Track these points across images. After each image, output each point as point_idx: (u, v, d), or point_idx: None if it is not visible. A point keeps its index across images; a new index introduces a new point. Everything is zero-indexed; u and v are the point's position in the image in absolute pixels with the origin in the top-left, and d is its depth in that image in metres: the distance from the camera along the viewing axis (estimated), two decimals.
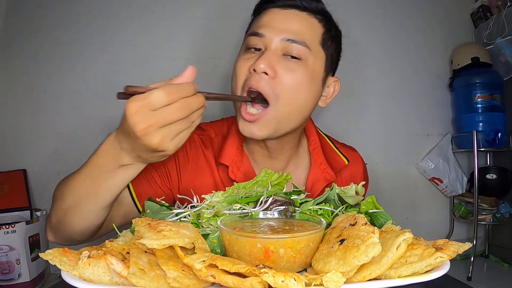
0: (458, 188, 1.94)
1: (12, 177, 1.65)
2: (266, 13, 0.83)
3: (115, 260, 0.48)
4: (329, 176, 0.93)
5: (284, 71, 0.78)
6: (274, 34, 0.79)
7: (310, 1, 0.83)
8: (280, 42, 0.79)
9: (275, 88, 0.78)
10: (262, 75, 0.77)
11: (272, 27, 0.80)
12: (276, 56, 0.79)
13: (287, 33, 0.79)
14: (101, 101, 1.76)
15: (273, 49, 0.79)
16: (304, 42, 0.80)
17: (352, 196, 0.72)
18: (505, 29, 1.85)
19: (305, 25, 0.81)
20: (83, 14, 1.76)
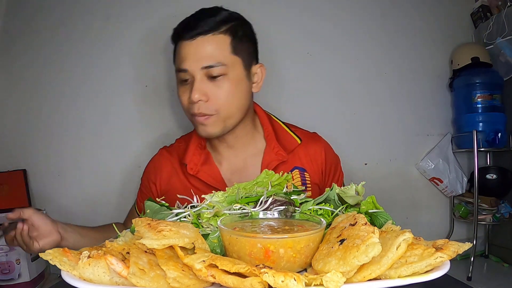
0: (458, 188, 1.93)
1: (12, 177, 1.65)
2: (181, 47, 0.97)
3: (115, 260, 0.48)
4: (281, 156, 1.05)
5: (213, 92, 0.95)
6: (193, 66, 0.94)
7: (208, 22, 0.95)
8: (201, 70, 0.94)
9: (212, 107, 0.96)
10: (199, 103, 0.95)
11: (189, 60, 0.95)
12: (203, 83, 0.95)
13: (202, 62, 0.94)
14: (102, 101, 1.76)
15: (198, 78, 0.94)
16: (219, 62, 0.94)
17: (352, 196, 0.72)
18: (505, 29, 1.85)
19: (214, 45, 0.94)
20: (83, 14, 1.76)
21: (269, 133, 1.09)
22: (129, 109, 1.77)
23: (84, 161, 1.74)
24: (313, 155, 1.09)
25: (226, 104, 0.96)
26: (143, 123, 1.77)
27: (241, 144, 1.08)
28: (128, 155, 1.76)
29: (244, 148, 1.09)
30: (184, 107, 1.00)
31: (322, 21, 1.89)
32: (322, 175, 1.10)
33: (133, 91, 1.77)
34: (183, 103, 1.00)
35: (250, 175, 1.03)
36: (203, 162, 1.07)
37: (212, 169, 1.07)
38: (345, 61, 1.92)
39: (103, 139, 1.75)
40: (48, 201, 1.72)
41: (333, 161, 1.13)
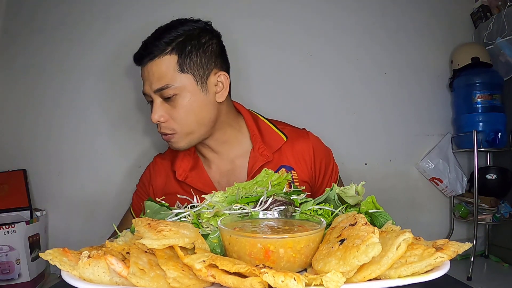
0: (458, 188, 1.93)
1: (12, 177, 1.65)
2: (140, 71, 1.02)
3: (115, 260, 0.48)
4: (266, 157, 1.06)
5: (170, 113, 0.98)
6: (148, 91, 0.99)
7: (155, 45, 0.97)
8: (154, 94, 0.98)
9: (170, 127, 1.00)
10: (160, 124, 1.00)
11: (145, 85, 1.00)
12: (161, 105, 0.98)
13: (153, 86, 0.97)
14: (102, 101, 1.76)
15: (156, 101, 0.99)
16: (166, 84, 0.96)
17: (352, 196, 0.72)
18: (505, 29, 1.85)
19: (160, 68, 0.96)
20: (83, 14, 1.76)
21: (254, 134, 1.09)
22: (129, 109, 1.77)
23: (84, 161, 1.74)
24: (300, 153, 1.08)
25: (183, 122, 0.99)
26: (143, 123, 1.77)
27: (226, 148, 1.10)
28: (128, 155, 1.76)
29: (230, 151, 1.10)
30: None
31: (322, 21, 1.89)
32: (312, 171, 1.09)
33: (133, 91, 1.77)
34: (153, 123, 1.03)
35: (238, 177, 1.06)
36: (191, 168, 1.09)
37: (201, 174, 1.09)
38: (345, 61, 1.92)
39: (103, 139, 1.75)
40: (48, 201, 1.72)
41: (323, 155, 1.12)
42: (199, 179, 1.07)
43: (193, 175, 1.08)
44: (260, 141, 1.08)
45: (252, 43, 1.78)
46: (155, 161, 1.19)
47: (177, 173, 1.08)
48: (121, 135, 1.76)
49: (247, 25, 1.79)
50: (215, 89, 1.01)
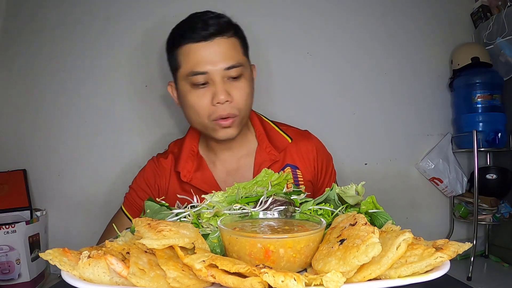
0: (458, 188, 1.93)
1: (12, 177, 1.65)
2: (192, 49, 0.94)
3: (115, 260, 0.48)
4: (274, 156, 1.07)
5: (236, 92, 0.96)
6: (214, 68, 0.93)
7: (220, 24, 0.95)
8: (222, 71, 0.94)
9: (236, 107, 0.97)
10: (225, 104, 0.95)
11: (209, 62, 0.93)
12: (226, 84, 0.95)
13: (224, 62, 0.94)
14: (102, 101, 1.76)
15: (219, 79, 0.94)
16: (238, 62, 0.95)
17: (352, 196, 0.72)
18: (505, 29, 1.85)
19: (231, 46, 0.96)
20: (83, 14, 1.76)
21: (260, 133, 1.11)
22: (128, 109, 1.77)
23: (84, 161, 1.74)
24: (305, 152, 1.10)
25: (246, 104, 0.98)
26: (143, 123, 1.77)
27: (237, 145, 1.09)
28: (127, 155, 1.76)
29: (239, 149, 1.10)
30: (201, 112, 0.97)
31: (322, 21, 1.89)
32: (315, 170, 1.10)
33: (133, 91, 1.77)
34: (201, 108, 0.97)
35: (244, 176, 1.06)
36: (196, 169, 1.07)
37: (206, 175, 1.07)
38: (345, 61, 1.92)
39: (103, 139, 1.75)
40: (48, 201, 1.72)
41: (324, 158, 1.14)
42: (204, 180, 1.06)
43: (198, 176, 1.06)
44: (266, 140, 1.09)
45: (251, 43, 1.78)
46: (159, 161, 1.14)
47: (181, 174, 1.06)
48: (120, 135, 1.76)
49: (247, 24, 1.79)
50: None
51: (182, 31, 0.98)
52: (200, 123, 1.00)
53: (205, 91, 0.95)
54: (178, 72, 0.99)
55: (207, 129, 1.00)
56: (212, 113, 0.96)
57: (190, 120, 1.03)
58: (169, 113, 1.77)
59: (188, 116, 1.02)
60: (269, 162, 1.06)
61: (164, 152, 1.18)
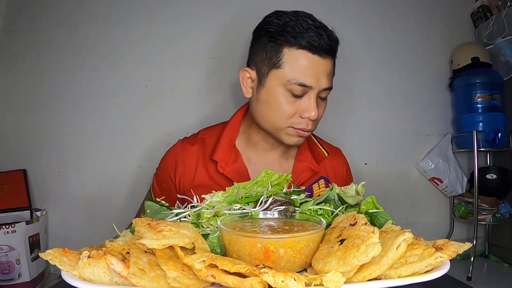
0: (458, 188, 1.93)
1: (12, 177, 1.65)
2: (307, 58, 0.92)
3: (115, 260, 0.48)
4: (314, 167, 1.09)
5: (320, 111, 0.99)
6: (318, 85, 0.93)
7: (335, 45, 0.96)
8: (321, 90, 0.95)
9: (316, 123, 1.00)
10: (310, 120, 0.96)
11: (316, 78, 0.93)
12: (317, 102, 0.96)
13: (327, 82, 0.95)
14: (102, 101, 1.76)
15: (314, 96, 0.94)
16: (332, 85, 0.98)
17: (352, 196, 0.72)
18: (505, 29, 1.85)
19: (332, 69, 0.97)
20: (84, 15, 1.76)
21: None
22: (129, 109, 1.77)
23: (84, 161, 1.74)
24: (337, 169, 1.14)
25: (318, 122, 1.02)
26: (143, 123, 1.77)
27: (279, 148, 1.09)
28: (128, 155, 1.76)
29: (281, 152, 1.10)
30: (285, 117, 0.96)
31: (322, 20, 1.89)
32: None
33: (133, 91, 1.77)
34: (286, 114, 0.95)
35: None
36: (233, 161, 1.06)
37: (241, 168, 1.06)
38: (345, 60, 1.92)
39: (103, 139, 1.75)
40: (48, 201, 1.72)
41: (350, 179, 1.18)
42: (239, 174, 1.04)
43: (234, 169, 1.05)
44: (308, 150, 1.12)
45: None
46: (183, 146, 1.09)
47: (219, 164, 1.04)
48: (121, 135, 1.76)
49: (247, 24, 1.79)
50: None
51: (296, 31, 0.92)
52: (276, 125, 0.98)
53: (297, 100, 0.95)
54: (275, 70, 0.94)
55: (279, 133, 0.99)
56: (296, 123, 0.97)
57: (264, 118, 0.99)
58: (169, 113, 1.77)
59: (264, 113, 0.99)
60: (309, 172, 1.08)
61: (192, 137, 1.13)
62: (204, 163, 1.06)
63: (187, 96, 1.79)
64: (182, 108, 1.78)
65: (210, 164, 1.05)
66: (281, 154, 1.10)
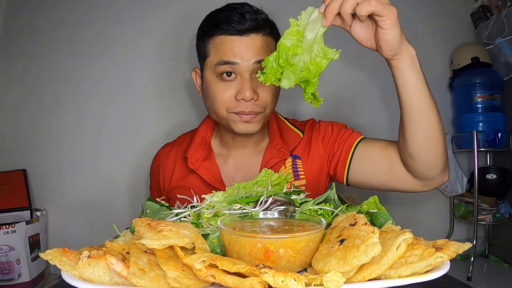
0: (458, 188, 1.93)
1: (12, 177, 1.65)
2: (227, 41, 0.93)
3: (115, 260, 0.48)
4: (283, 153, 1.05)
5: (262, 91, 0.94)
6: (245, 60, 0.92)
7: (257, 20, 0.94)
8: (252, 66, 0.92)
9: (261, 105, 0.95)
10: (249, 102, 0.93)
11: (241, 55, 0.92)
12: (253, 81, 0.92)
13: (254, 58, 0.92)
14: (101, 101, 1.76)
15: (247, 76, 0.92)
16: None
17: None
18: (505, 29, 1.85)
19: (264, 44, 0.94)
20: (83, 15, 1.76)
21: (273, 130, 1.09)
22: (128, 109, 1.77)
23: (84, 161, 1.74)
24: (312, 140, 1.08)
25: (271, 104, 0.97)
26: (143, 123, 1.77)
27: (252, 143, 1.08)
28: (127, 155, 1.76)
29: (253, 147, 1.09)
30: (222, 104, 0.96)
31: None
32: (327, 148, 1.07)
33: (132, 91, 1.77)
34: (222, 100, 0.95)
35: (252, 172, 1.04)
36: (204, 158, 1.06)
37: (212, 166, 1.06)
38: (345, 61, 1.92)
39: (103, 139, 1.75)
40: (48, 201, 1.72)
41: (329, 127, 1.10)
42: (210, 172, 1.05)
43: (205, 166, 1.05)
44: (278, 137, 1.08)
45: None
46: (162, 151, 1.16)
47: (189, 160, 1.05)
48: (120, 135, 1.76)
49: None
50: None
51: (216, 21, 0.95)
52: (219, 114, 0.98)
53: (231, 84, 0.94)
54: (205, 61, 0.98)
55: (227, 121, 0.98)
56: (234, 107, 0.95)
57: (210, 110, 1.02)
58: (169, 113, 1.77)
59: (208, 106, 1.01)
60: (277, 158, 1.04)
61: (171, 142, 1.18)
62: (180, 164, 1.09)
63: (187, 96, 1.79)
64: (182, 108, 1.78)
65: (184, 163, 1.07)
66: (253, 149, 1.09)
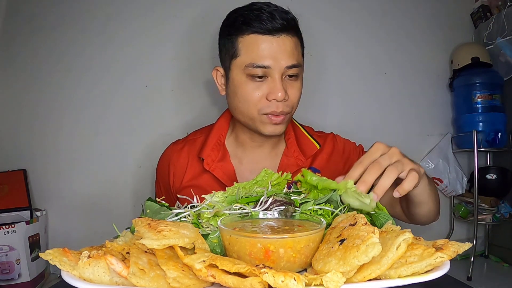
0: (458, 188, 1.93)
1: (12, 177, 1.65)
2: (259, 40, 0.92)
3: (115, 260, 0.48)
4: (301, 162, 1.06)
5: (292, 92, 0.96)
6: (277, 64, 0.92)
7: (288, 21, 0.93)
8: (283, 69, 0.93)
9: (290, 105, 0.96)
10: (281, 102, 0.93)
11: (273, 58, 0.92)
12: (284, 82, 0.94)
13: (288, 60, 0.93)
14: (101, 101, 1.76)
15: (278, 76, 0.93)
16: (298, 63, 0.95)
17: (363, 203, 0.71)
18: (505, 29, 1.85)
19: (294, 45, 0.95)
20: (82, 14, 1.76)
21: (290, 136, 1.09)
22: (129, 109, 1.77)
23: (83, 161, 1.74)
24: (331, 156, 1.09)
25: (295, 104, 0.98)
26: (143, 123, 1.77)
27: (269, 145, 1.07)
28: (127, 155, 1.76)
29: (269, 149, 1.08)
30: (253, 105, 0.95)
31: (323, 21, 1.89)
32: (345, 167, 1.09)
33: (132, 91, 1.77)
34: (253, 101, 0.94)
35: None
36: (220, 159, 1.06)
37: (228, 167, 1.05)
38: (345, 61, 1.93)
39: (103, 139, 1.75)
40: (48, 201, 1.72)
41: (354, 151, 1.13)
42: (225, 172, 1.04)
43: (220, 167, 1.05)
44: (295, 144, 1.08)
45: None
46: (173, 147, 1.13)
47: (205, 161, 1.04)
48: (120, 135, 1.76)
49: None
50: None
51: (247, 19, 0.93)
52: (248, 115, 0.97)
53: (262, 84, 0.94)
54: (234, 60, 0.96)
55: (255, 122, 0.97)
56: (265, 108, 0.94)
57: (237, 110, 0.99)
58: (169, 113, 1.78)
59: (235, 106, 0.99)
60: (295, 167, 1.04)
61: (182, 139, 1.16)
62: (193, 163, 1.08)
63: (187, 96, 1.79)
64: (182, 108, 1.79)
65: (198, 163, 1.07)
66: (269, 152, 1.08)
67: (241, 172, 1.07)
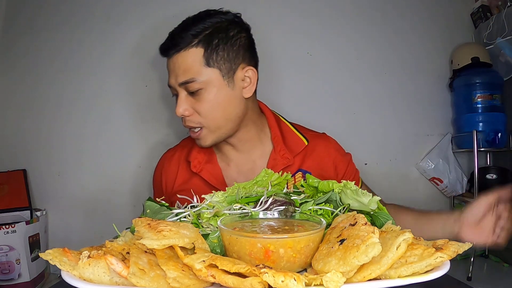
0: (458, 188, 1.93)
1: (12, 177, 1.65)
2: (166, 62, 0.99)
3: (115, 260, 0.48)
4: (287, 160, 1.06)
5: (195, 107, 0.96)
6: (173, 83, 0.97)
7: (182, 37, 0.95)
8: (179, 87, 0.96)
9: (197, 120, 0.97)
10: (184, 118, 0.98)
11: (170, 77, 0.98)
12: (187, 98, 0.97)
13: (178, 79, 0.95)
14: (102, 101, 1.76)
15: (181, 94, 0.97)
16: (192, 78, 0.94)
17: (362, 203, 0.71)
18: (505, 29, 1.84)
19: (186, 61, 0.94)
20: (84, 15, 1.76)
21: (276, 135, 1.08)
22: (129, 109, 1.77)
23: (84, 161, 1.74)
24: (321, 156, 1.09)
25: (209, 117, 0.97)
26: (143, 123, 1.77)
27: (247, 147, 1.08)
28: (128, 155, 1.76)
29: (251, 151, 1.09)
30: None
31: (323, 21, 1.89)
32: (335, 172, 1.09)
33: (133, 91, 1.77)
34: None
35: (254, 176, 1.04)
36: (206, 161, 1.08)
37: (215, 169, 1.07)
38: (345, 61, 1.92)
39: (103, 139, 1.75)
40: (48, 201, 1.72)
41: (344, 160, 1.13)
42: (213, 174, 1.06)
43: (207, 169, 1.07)
44: (281, 143, 1.07)
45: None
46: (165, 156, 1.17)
47: (192, 164, 1.07)
48: (120, 135, 1.76)
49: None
50: (243, 84, 0.99)
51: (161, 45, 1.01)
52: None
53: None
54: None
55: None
56: (182, 124, 1.01)
57: None
58: (170, 113, 1.77)
59: None
60: (282, 166, 1.04)
61: (175, 146, 1.19)
62: (183, 168, 1.10)
63: None
64: None
65: (188, 167, 1.09)
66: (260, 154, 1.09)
67: (228, 174, 1.08)
